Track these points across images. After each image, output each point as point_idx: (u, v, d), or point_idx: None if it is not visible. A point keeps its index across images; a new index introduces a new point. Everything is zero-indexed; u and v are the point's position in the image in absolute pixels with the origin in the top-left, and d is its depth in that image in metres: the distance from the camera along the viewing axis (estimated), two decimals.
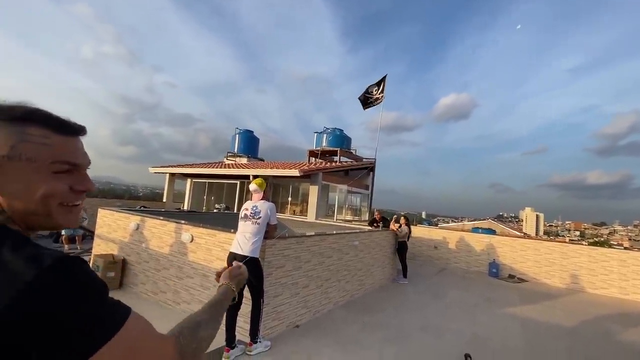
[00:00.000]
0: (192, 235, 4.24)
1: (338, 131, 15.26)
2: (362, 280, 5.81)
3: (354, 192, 14.34)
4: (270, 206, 3.38)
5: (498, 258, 8.95)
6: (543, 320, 5.24)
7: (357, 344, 3.75)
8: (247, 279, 3.07)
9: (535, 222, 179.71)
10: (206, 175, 14.49)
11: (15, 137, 0.55)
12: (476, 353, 3.62)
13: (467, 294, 6.59)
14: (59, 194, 0.59)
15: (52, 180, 0.58)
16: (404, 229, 7.34)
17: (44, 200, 0.57)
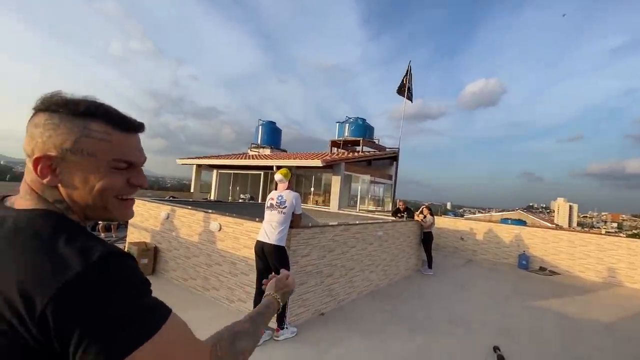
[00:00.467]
0: (220, 224, 4.36)
1: (360, 120, 15.06)
2: (387, 271, 5.79)
3: (377, 182, 14.19)
4: (295, 196, 3.42)
5: (528, 250, 8.62)
6: (578, 314, 5.02)
7: (383, 333, 3.76)
8: (274, 266, 3.15)
9: (569, 213, 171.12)
10: (231, 166, 14.81)
11: (78, 132, 0.56)
12: (506, 346, 3.54)
13: (495, 285, 6.42)
14: (116, 189, 0.61)
15: (110, 175, 0.60)
16: (428, 219, 7.21)
17: (102, 194, 0.59)
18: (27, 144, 0.56)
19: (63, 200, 0.58)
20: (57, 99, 0.57)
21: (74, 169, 0.57)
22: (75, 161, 0.57)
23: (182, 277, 4.80)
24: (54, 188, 0.58)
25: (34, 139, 0.56)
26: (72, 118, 0.56)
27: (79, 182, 0.58)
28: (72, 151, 0.56)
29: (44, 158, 0.55)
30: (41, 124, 0.56)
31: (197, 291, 4.48)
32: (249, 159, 13.74)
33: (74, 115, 0.57)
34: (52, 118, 0.56)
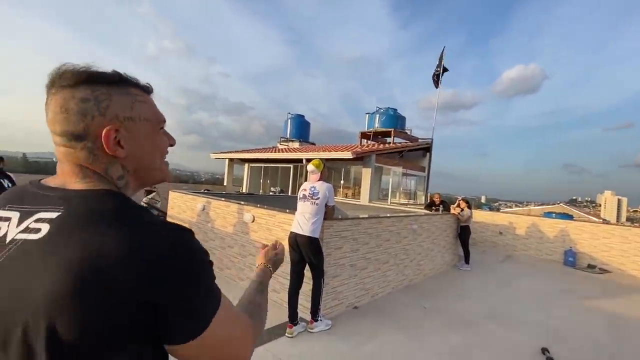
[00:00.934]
0: (253, 215, 4.43)
1: (392, 111, 14.68)
2: (422, 265, 5.62)
3: (409, 174, 13.82)
4: (328, 187, 3.37)
5: (575, 246, 8.02)
6: (631, 316, 4.60)
7: (420, 328, 3.65)
8: (308, 258, 3.13)
9: (617, 206, 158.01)
10: (262, 160, 15.08)
11: (130, 99, 0.57)
12: (554, 347, 3.31)
13: (539, 283, 6.04)
14: (165, 148, 0.65)
15: (160, 136, 0.63)
16: (466, 212, 6.90)
17: (161, 154, 0.64)
18: (75, 123, 0.53)
19: (123, 176, 0.58)
20: (92, 71, 0.55)
21: (135, 136, 0.58)
22: (135, 128, 0.57)
23: (217, 266, 4.95)
24: (117, 162, 0.57)
25: (87, 114, 0.53)
26: (116, 87, 0.56)
27: (140, 148, 0.59)
28: (131, 119, 0.57)
29: (111, 131, 0.54)
30: (92, 97, 0.53)
31: (232, 281, 4.60)
32: (279, 153, 13.89)
33: (117, 84, 0.56)
34: (99, 89, 0.54)
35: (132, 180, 0.60)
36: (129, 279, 0.45)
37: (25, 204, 0.53)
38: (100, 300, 0.44)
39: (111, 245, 0.46)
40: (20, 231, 0.50)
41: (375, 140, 14.63)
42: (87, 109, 0.53)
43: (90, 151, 0.54)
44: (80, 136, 0.53)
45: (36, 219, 0.50)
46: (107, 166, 0.56)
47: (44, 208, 0.51)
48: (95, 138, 0.54)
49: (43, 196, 0.54)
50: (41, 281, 0.45)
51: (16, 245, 0.48)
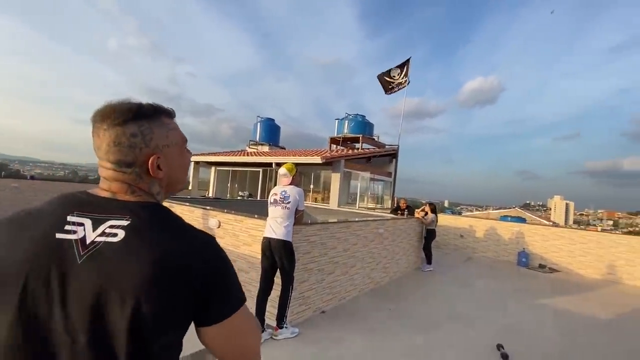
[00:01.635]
0: (219, 221, 4.30)
1: (360, 117, 14.99)
2: (387, 268, 5.75)
3: (377, 179, 14.15)
4: (299, 191, 3.36)
5: (528, 247, 8.61)
6: (578, 311, 5.01)
7: (385, 330, 3.72)
8: (281, 262, 3.08)
9: (565, 210, 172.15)
10: (229, 164, 14.72)
11: (165, 129, 0.72)
12: (509, 344, 3.51)
13: (496, 283, 6.40)
14: (189, 162, 0.82)
15: (186, 153, 0.79)
16: (429, 216, 7.16)
17: (186, 169, 0.80)
18: (126, 154, 0.66)
19: (160, 191, 0.74)
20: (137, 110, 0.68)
21: (170, 159, 0.72)
22: (170, 153, 0.72)
23: None
24: (156, 181, 0.71)
25: (136, 147, 0.67)
26: (154, 120, 0.70)
27: (173, 168, 0.74)
28: (168, 146, 0.72)
29: (154, 159, 0.69)
30: (139, 132, 0.67)
31: None
32: (248, 156, 13.65)
33: (154, 117, 0.70)
34: (143, 124, 0.68)
35: (164, 193, 0.75)
36: (193, 271, 0.62)
37: (92, 212, 0.64)
38: (173, 286, 0.60)
39: (181, 247, 0.63)
40: (98, 235, 0.61)
41: (344, 145, 14.84)
42: (136, 143, 0.67)
43: (138, 175, 0.68)
44: (130, 164, 0.67)
45: (109, 225, 0.62)
46: (150, 185, 0.71)
47: (113, 217, 0.63)
48: (142, 164, 0.68)
49: (104, 206, 0.65)
50: (128, 272, 0.58)
51: (98, 246, 0.60)
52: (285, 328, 3.29)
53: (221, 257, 0.68)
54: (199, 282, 0.62)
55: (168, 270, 0.60)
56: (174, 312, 0.60)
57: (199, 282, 0.62)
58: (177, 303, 0.60)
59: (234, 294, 0.69)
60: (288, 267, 3.24)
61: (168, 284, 0.59)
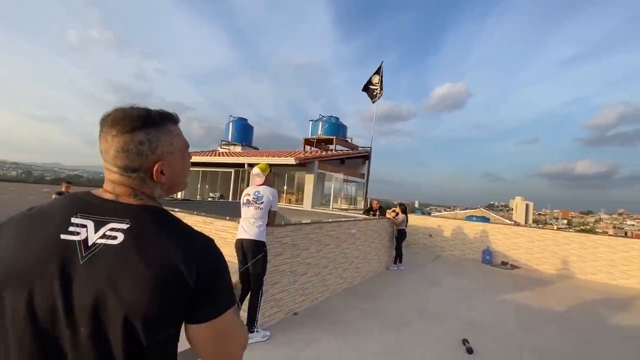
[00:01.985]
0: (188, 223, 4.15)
1: (334, 119, 15.09)
2: (360, 268, 5.82)
3: (350, 180, 14.31)
4: (272, 192, 3.32)
5: (492, 245, 9.06)
6: (536, 305, 5.34)
7: (357, 330, 3.75)
8: (253, 264, 3.01)
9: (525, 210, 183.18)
10: (200, 164, 14.28)
11: (170, 136, 0.75)
12: (473, 338, 3.66)
13: (462, 280, 6.67)
14: (189, 166, 0.85)
15: (188, 157, 0.82)
16: (400, 217, 7.34)
17: (187, 171, 0.84)
18: (133, 160, 0.70)
19: (162, 194, 0.78)
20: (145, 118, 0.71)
21: (173, 165, 0.76)
22: (173, 159, 0.76)
23: None
24: (159, 185, 0.75)
25: (143, 154, 0.70)
26: (161, 127, 0.73)
27: (175, 172, 0.78)
28: (172, 152, 0.75)
29: (159, 165, 0.73)
30: (146, 140, 0.70)
31: None
32: (219, 156, 13.33)
33: (161, 124, 0.73)
34: (150, 132, 0.71)
35: (165, 195, 0.80)
36: (189, 273, 0.64)
37: (94, 214, 0.67)
38: (168, 288, 0.62)
39: (178, 250, 0.65)
40: (99, 237, 0.64)
41: (318, 147, 14.89)
42: (143, 150, 0.70)
43: (142, 179, 0.72)
44: (136, 169, 0.71)
45: (110, 228, 0.66)
46: (153, 189, 0.75)
47: (114, 219, 0.67)
48: (147, 170, 0.72)
49: (107, 208, 0.69)
50: (125, 274, 0.61)
51: (98, 248, 0.64)
52: (256, 332, 3.23)
53: (218, 260, 0.71)
54: (194, 283, 0.64)
55: (163, 272, 0.63)
56: (168, 312, 0.63)
57: (194, 283, 0.64)
58: (171, 303, 0.63)
59: (226, 295, 0.71)
60: (260, 268, 3.19)
61: (163, 285, 0.62)
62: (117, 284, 0.61)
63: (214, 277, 0.68)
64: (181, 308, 0.65)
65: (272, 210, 3.31)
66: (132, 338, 0.61)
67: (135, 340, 0.61)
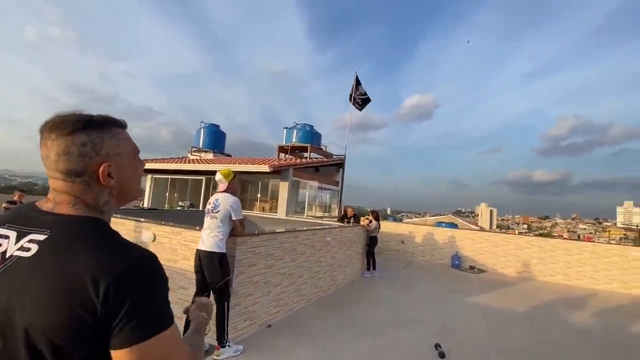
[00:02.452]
0: (154, 234, 3.95)
1: (308, 127, 15.14)
2: (334, 276, 5.81)
3: (324, 188, 14.36)
4: (231, 200, 3.18)
5: (460, 250, 9.41)
6: (501, 307, 5.58)
7: (332, 340, 3.72)
8: (210, 277, 2.90)
9: (490, 216, 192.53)
10: (169, 171, 13.74)
11: (116, 139, 0.72)
12: (445, 342, 3.75)
13: (433, 285, 6.85)
14: (142, 172, 0.81)
15: (138, 162, 0.79)
16: (373, 224, 7.45)
17: (139, 177, 0.80)
18: (76, 163, 0.66)
19: (109, 201, 0.73)
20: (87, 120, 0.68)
21: (121, 168, 0.72)
22: (121, 162, 0.72)
23: None
24: (106, 190, 0.71)
25: (86, 155, 0.67)
26: (105, 130, 0.70)
27: (125, 176, 0.74)
28: (119, 154, 0.72)
29: (105, 167, 0.69)
30: (89, 141, 0.67)
31: None
32: (189, 163, 12.91)
33: (104, 127, 0.71)
34: (93, 134, 0.68)
35: (114, 202, 0.75)
36: (96, 290, 0.57)
37: (21, 225, 0.66)
38: (70, 304, 0.57)
39: (88, 264, 0.59)
40: (17, 249, 0.62)
41: (292, 154, 14.85)
42: (86, 151, 0.67)
43: (87, 184, 0.68)
44: (80, 173, 0.67)
45: (29, 239, 0.63)
46: (98, 194, 0.70)
47: (35, 230, 0.64)
48: (92, 173, 0.68)
49: (36, 219, 0.66)
50: (30, 288, 0.58)
51: (12, 261, 0.62)
52: (228, 346, 3.11)
53: (144, 277, 0.62)
54: (103, 302, 0.57)
55: (65, 287, 0.58)
56: (71, 333, 0.58)
57: (103, 302, 0.57)
58: (72, 323, 0.57)
59: (152, 317, 0.61)
60: (217, 280, 3.07)
61: (62, 301, 0.57)
62: (23, 299, 0.58)
63: (135, 297, 0.59)
64: (89, 329, 0.58)
65: (233, 219, 3.17)
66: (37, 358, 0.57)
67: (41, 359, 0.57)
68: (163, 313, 0.63)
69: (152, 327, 0.61)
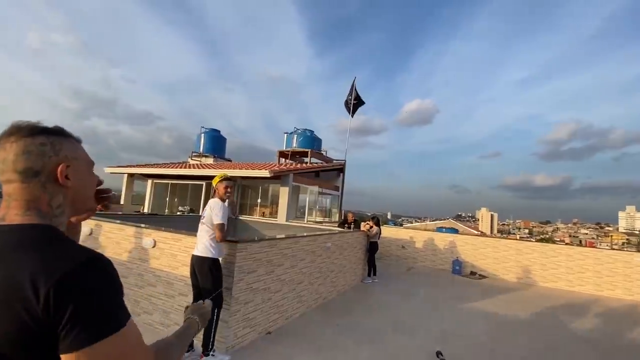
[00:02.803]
0: (155, 239, 3.94)
1: (309, 132, 15.16)
2: (335, 282, 5.77)
3: (325, 193, 14.34)
4: (213, 203, 3.20)
5: (461, 256, 9.36)
6: (503, 314, 5.53)
7: (332, 347, 3.69)
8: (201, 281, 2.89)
9: (490, 221, 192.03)
10: (169, 176, 13.75)
11: (75, 146, 0.76)
12: (447, 349, 3.71)
13: (434, 291, 6.80)
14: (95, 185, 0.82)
15: (93, 175, 0.81)
16: (374, 229, 7.42)
17: (92, 188, 0.81)
18: (35, 161, 0.68)
19: (62, 204, 0.73)
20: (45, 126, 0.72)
21: (78, 172, 0.74)
22: (79, 166, 0.75)
23: None
24: (61, 193, 0.72)
25: (45, 154, 0.69)
26: (62, 137, 0.73)
27: (81, 181, 0.76)
28: (76, 158, 0.75)
29: (64, 166, 0.71)
30: (48, 142, 0.70)
31: None
32: (190, 169, 12.92)
33: (62, 135, 0.74)
34: (51, 137, 0.71)
35: (67, 209, 0.74)
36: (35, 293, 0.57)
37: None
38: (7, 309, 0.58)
39: (27, 268, 0.59)
40: None
41: (293, 159, 14.86)
42: (45, 151, 0.69)
43: (43, 184, 0.69)
44: (37, 172, 0.68)
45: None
46: (52, 196, 0.70)
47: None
48: (50, 173, 0.69)
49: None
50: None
51: None
52: (212, 356, 3.03)
53: (86, 279, 0.61)
54: (44, 305, 0.57)
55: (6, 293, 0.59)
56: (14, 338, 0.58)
57: (44, 305, 0.57)
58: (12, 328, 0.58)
59: (98, 320, 0.60)
60: (208, 286, 3.06)
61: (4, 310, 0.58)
62: None
63: (77, 300, 0.59)
64: (35, 336, 0.58)
65: (213, 223, 3.14)
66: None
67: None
68: (111, 315, 0.62)
69: (99, 330, 0.60)
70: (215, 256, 3.13)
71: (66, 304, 0.58)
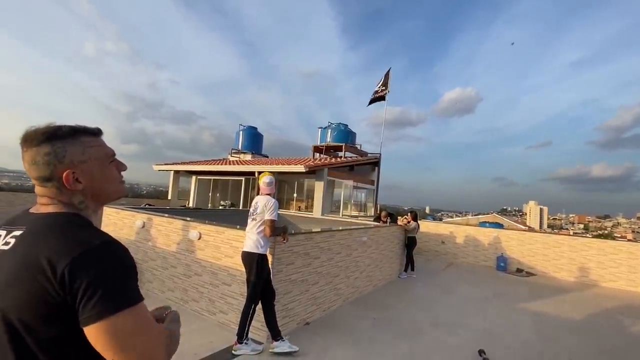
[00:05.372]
0: (200, 232, 4.20)
1: (343, 126, 15.11)
2: (371, 276, 5.76)
3: (360, 187, 14.25)
4: (267, 200, 3.30)
5: (505, 252, 8.87)
6: (554, 314, 5.18)
7: (369, 340, 3.71)
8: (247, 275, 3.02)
9: (539, 215, 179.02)
10: (211, 172, 14.46)
11: (82, 147, 0.79)
12: (490, 349, 3.57)
13: (476, 288, 6.53)
14: (117, 175, 0.88)
15: (111, 167, 0.86)
16: (412, 224, 7.27)
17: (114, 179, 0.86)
18: (43, 171, 0.75)
19: (84, 201, 0.81)
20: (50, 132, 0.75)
21: (88, 173, 0.79)
22: (88, 168, 0.79)
23: (159, 288, 4.57)
24: (77, 193, 0.79)
25: (50, 164, 0.75)
26: (68, 140, 0.77)
27: (94, 180, 0.81)
28: (84, 161, 0.79)
29: (69, 174, 0.76)
30: (52, 151, 0.75)
31: (176, 303, 4.27)
32: (230, 165, 13.47)
33: (69, 138, 0.78)
34: (56, 144, 0.76)
35: (91, 203, 0.82)
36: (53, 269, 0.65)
37: (10, 225, 0.78)
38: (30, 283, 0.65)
39: (49, 246, 0.68)
40: (2, 244, 0.74)
41: (327, 154, 14.91)
42: (50, 160, 0.75)
43: (58, 188, 0.77)
44: (48, 179, 0.76)
45: (12, 235, 0.74)
46: (71, 197, 0.78)
47: (18, 227, 0.75)
48: (59, 179, 0.76)
49: (22, 218, 0.78)
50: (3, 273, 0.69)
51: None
52: (245, 344, 3.18)
53: (100, 259, 0.68)
54: (60, 280, 0.64)
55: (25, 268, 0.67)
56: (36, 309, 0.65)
57: (60, 280, 0.64)
58: (34, 299, 0.65)
59: (113, 294, 0.66)
60: (254, 278, 3.18)
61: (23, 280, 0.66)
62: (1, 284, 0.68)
63: (91, 277, 0.65)
64: (53, 308, 0.65)
65: (265, 218, 3.23)
66: (16, 337, 0.66)
67: (20, 339, 0.66)
68: (124, 292, 0.68)
69: (115, 303, 0.66)
70: (263, 252, 3.24)
71: (80, 280, 0.64)
